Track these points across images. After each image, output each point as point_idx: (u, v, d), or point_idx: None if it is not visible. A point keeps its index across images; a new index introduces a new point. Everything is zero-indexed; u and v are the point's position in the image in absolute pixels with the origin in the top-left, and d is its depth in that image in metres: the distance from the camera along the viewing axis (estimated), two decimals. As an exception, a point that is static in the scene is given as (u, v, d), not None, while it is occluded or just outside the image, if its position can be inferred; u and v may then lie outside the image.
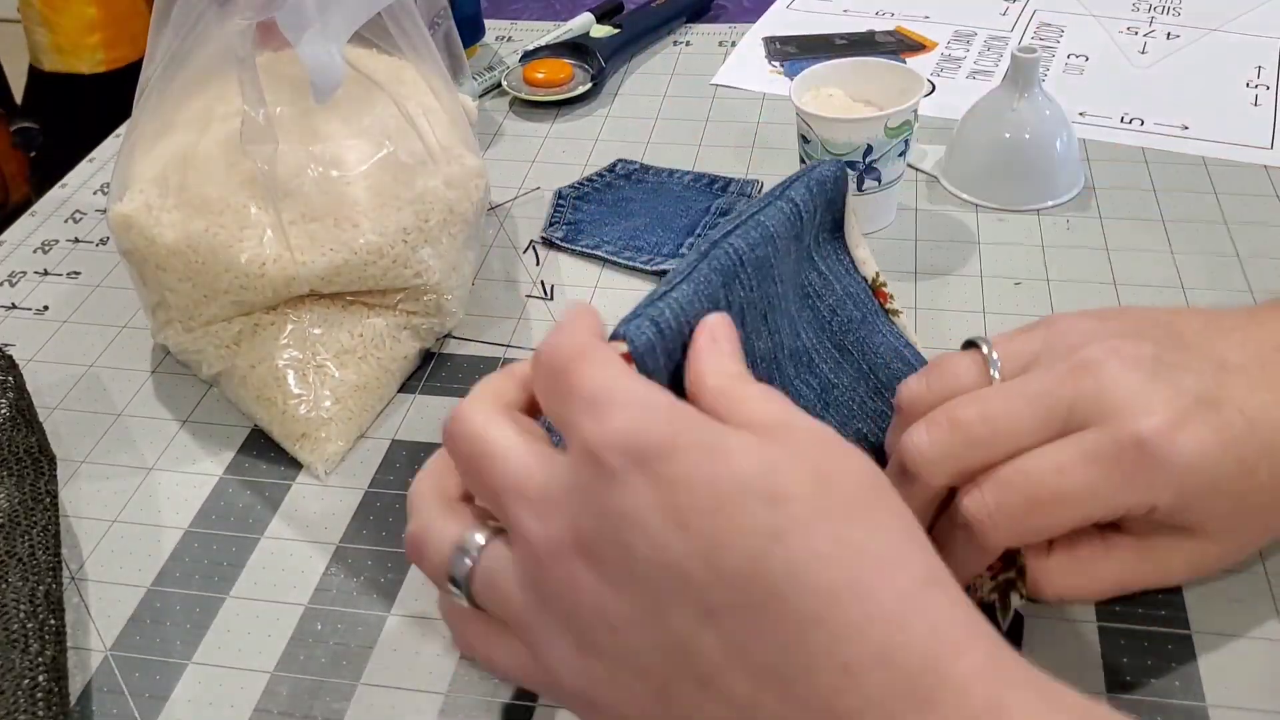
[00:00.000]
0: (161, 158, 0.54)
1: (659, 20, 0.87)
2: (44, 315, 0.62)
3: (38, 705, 0.40)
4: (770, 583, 0.28)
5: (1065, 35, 0.84)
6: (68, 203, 0.72)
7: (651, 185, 0.70)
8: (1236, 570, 0.44)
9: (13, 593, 0.43)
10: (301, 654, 0.44)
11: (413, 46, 0.57)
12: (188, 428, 0.55)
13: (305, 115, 0.54)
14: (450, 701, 0.42)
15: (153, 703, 0.42)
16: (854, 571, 0.28)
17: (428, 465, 0.38)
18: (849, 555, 0.28)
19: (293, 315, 0.53)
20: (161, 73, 0.53)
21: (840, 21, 0.89)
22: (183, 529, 0.49)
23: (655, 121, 0.77)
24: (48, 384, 0.57)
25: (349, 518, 0.49)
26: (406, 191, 0.54)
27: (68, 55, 1.23)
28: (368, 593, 0.46)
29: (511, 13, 0.95)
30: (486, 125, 0.77)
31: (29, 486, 0.49)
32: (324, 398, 0.52)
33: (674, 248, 0.63)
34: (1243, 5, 0.86)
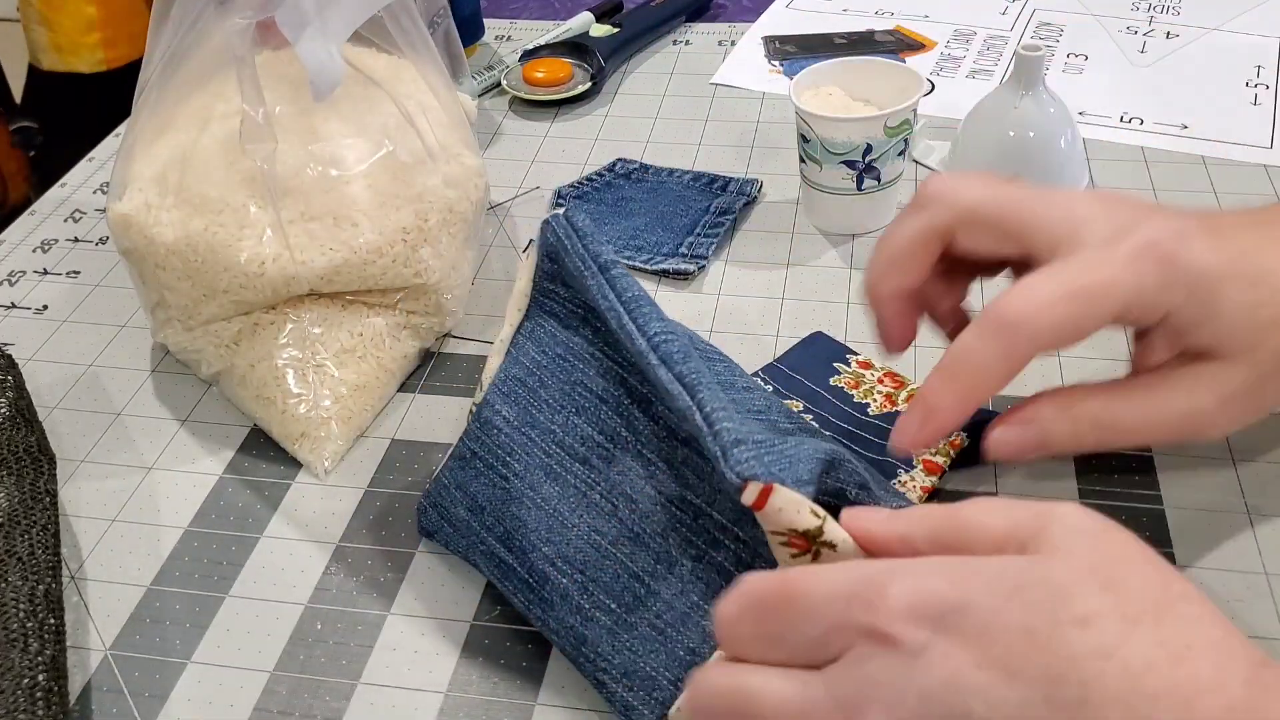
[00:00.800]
0: (161, 157, 0.54)
1: (658, 19, 0.87)
2: (43, 314, 0.62)
3: (37, 704, 0.40)
4: (1114, 699, 0.27)
5: (1065, 35, 0.84)
6: (67, 202, 0.72)
7: (651, 184, 0.70)
8: (1236, 570, 0.44)
9: (12, 592, 0.43)
10: (301, 654, 0.44)
11: (412, 45, 0.57)
12: (187, 427, 0.55)
13: (304, 114, 0.53)
14: (450, 701, 0.42)
15: (152, 702, 0.42)
16: (1191, 669, 0.28)
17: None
18: (1178, 654, 0.28)
19: (292, 314, 0.53)
20: (161, 72, 0.53)
21: (840, 21, 0.89)
22: (182, 528, 0.49)
23: (655, 121, 0.77)
24: (47, 383, 0.57)
25: (349, 517, 0.49)
26: (406, 191, 0.54)
27: (67, 54, 1.23)
28: (368, 592, 0.46)
29: (511, 12, 0.95)
30: (486, 125, 0.77)
31: (28, 485, 0.49)
32: (324, 397, 0.52)
33: (673, 247, 0.63)
34: (1242, 5, 0.86)
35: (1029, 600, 0.28)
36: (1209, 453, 0.49)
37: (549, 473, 0.42)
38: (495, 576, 0.43)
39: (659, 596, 0.39)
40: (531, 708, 0.41)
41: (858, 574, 0.31)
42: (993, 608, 0.29)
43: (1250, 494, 0.47)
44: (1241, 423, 0.41)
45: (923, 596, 0.29)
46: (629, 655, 0.39)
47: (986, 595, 0.29)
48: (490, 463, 0.44)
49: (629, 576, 0.40)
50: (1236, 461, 0.49)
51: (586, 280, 0.42)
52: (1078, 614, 0.28)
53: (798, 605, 0.31)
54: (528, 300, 0.46)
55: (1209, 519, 0.46)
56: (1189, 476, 0.48)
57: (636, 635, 0.39)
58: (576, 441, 0.42)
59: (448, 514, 0.45)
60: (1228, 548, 0.45)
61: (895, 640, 0.29)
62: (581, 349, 0.44)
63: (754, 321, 0.58)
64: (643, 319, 0.40)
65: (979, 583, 0.29)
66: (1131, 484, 0.48)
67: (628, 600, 0.40)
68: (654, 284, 0.62)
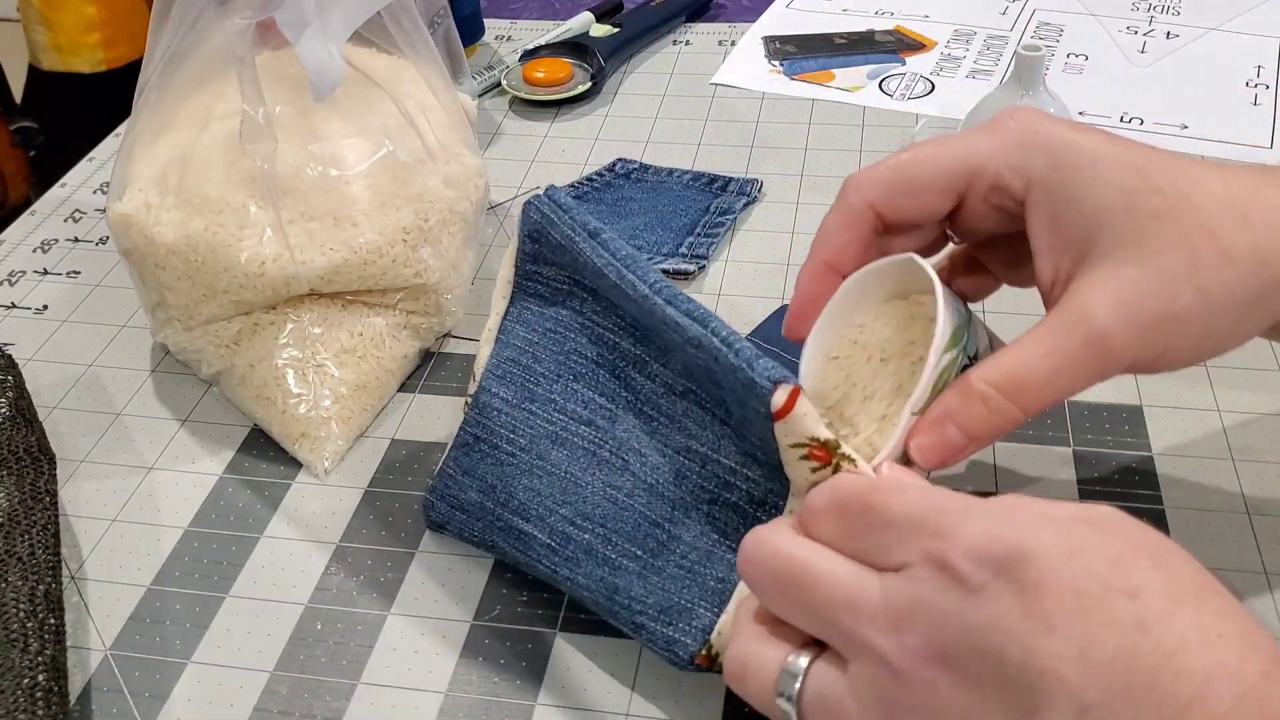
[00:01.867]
0: (161, 157, 0.54)
1: (658, 19, 0.87)
2: (43, 314, 0.62)
3: (37, 704, 0.40)
4: (1144, 672, 0.28)
5: (1065, 34, 0.84)
6: (67, 202, 0.72)
7: (651, 184, 0.70)
8: (1236, 570, 0.44)
9: (12, 592, 0.43)
10: (301, 653, 0.44)
11: (412, 45, 0.57)
12: (187, 427, 0.55)
13: (304, 114, 0.53)
14: (450, 701, 0.42)
15: (152, 702, 0.42)
16: (1218, 655, 0.28)
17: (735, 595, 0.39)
18: (1209, 640, 0.29)
19: (292, 314, 0.53)
20: (161, 72, 0.53)
21: (840, 21, 0.89)
22: (182, 528, 0.49)
23: (655, 121, 0.77)
24: (47, 383, 0.57)
25: (349, 517, 0.49)
26: (406, 190, 0.54)
27: (67, 54, 1.23)
28: (368, 592, 0.46)
29: (511, 12, 0.95)
30: (486, 124, 0.77)
31: (29, 485, 0.49)
32: (324, 397, 0.52)
33: (673, 246, 0.63)
34: (1242, 5, 0.86)
35: (1087, 563, 0.29)
36: (1209, 452, 0.49)
37: (555, 439, 0.44)
38: (516, 549, 0.44)
39: (681, 540, 0.41)
40: (531, 708, 0.41)
41: (937, 502, 0.32)
42: (1051, 564, 0.29)
43: (1250, 494, 0.47)
44: (1161, 345, 0.36)
45: (991, 540, 0.30)
46: (662, 594, 0.40)
47: (1049, 550, 0.30)
48: (495, 443, 0.45)
49: (649, 524, 0.41)
50: (1236, 461, 0.49)
51: (579, 245, 0.42)
52: (1129, 584, 0.29)
53: (877, 514, 0.32)
54: (511, 287, 0.47)
55: (1209, 519, 0.46)
56: (1189, 476, 0.48)
57: (666, 575, 0.40)
58: (578, 406, 0.44)
59: (458, 501, 0.46)
60: (1228, 548, 0.45)
61: (956, 572, 0.30)
62: (571, 320, 0.45)
63: (754, 321, 0.58)
64: (641, 271, 0.41)
65: (1045, 536, 0.30)
66: (1131, 484, 0.48)
67: (651, 545, 0.41)
68: (654, 284, 0.62)
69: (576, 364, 0.44)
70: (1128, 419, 0.51)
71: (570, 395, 0.44)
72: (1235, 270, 0.35)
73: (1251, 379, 0.53)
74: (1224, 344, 0.37)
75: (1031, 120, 0.38)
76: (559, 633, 0.44)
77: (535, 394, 0.45)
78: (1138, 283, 0.35)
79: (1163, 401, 0.52)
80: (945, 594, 0.30)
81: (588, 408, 0.44)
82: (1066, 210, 0.37)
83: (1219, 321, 0.36)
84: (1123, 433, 0.51)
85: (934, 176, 0.39)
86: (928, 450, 0.37)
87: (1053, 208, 0.37)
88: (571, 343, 0.44)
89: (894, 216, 0.40)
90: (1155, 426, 0.51)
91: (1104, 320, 0.35)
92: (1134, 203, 0.36)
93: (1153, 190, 0.36)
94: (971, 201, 0.39)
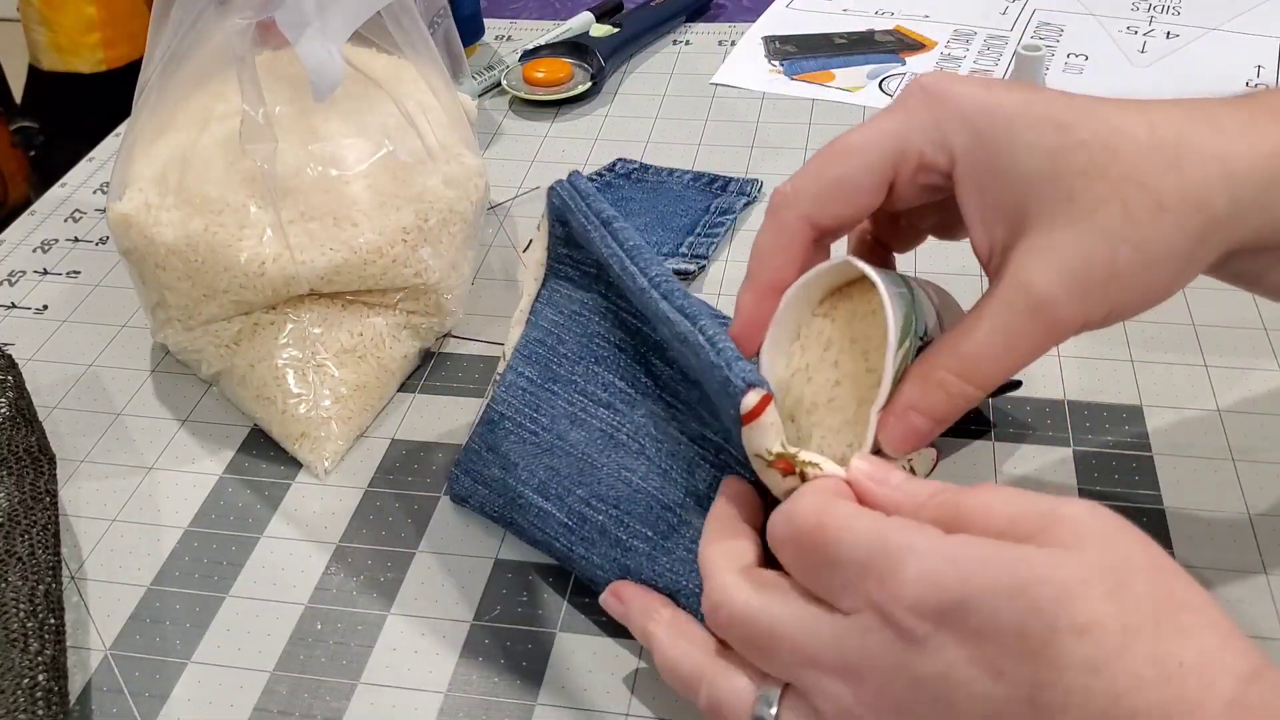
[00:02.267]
0: (161, 157, 0.54)
1: (658, 19, 0.87)
2: (43, 314, 0.62)
3: (37, 704, 0.40)
4: (1098, 712, 0.28)
5: (1065, 34, 0.84)
6: (67, 202, 0.72)
7: (651, 184, 0.70)
8: (1236, 570, 0.44)
9: (12, 592, 0.43)
10: (301, 653, 0.44)
11: (412, 45, 0.57)
12: (187, 427, 0.55)
13: (304, 114, 0.53)
14: (450, 701, 0.42)
15: (152, 702, 0.42)
16: (1178, 688, 0.28)
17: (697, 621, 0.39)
18: (1168, 673, 0.28)
19: (292, 314, 0.53)
20: (161, 72, 0.53)
21: (840, 21, 0.89)
22: (182, 528, 0.49)
23: (655, 121, 0.77)
24: (47, 383, 0.57)
25: (349, 517, 0.49)
26: (406, 190, 0.54)
27: (67, 54, 1.23)
28: (368, 592, 0.46)
29: (511, 12, 0.95)
30: (486, 124, 0.77)
31: (29, 485, 0.49)
32: (324, 397, 0.52)
33: (674, 247, 0.63)
34: (1242, 5, 0.86)
35: (1030, 602, 0.29)
36: (1209, 453, 0.49)
37: (574, 420, 0.45)
38: (534, 526, 0.45)
39: (691, 525, 0.41)
40: (531, 708, 0.41)
41: (878, 542, 0.31)
42: (993, 608, 0.29)
43: (1250, 494, 0.47)
44: (1106, 305, 0.35)
45: (930, 589, 0.30)
46: (671, 576, 0.41)
47: (990, 593, 0.29)
48: (519, 421, 0.46)
49: (661, 508, 0.42)
50: (1236, 461, 0.49)
51: (590, 234, 0.43)
52: (1077, 622, 0.28)
53: (826, 552, 0.32)
54: (544, 269, 0.47)
55: (1209, 519, 0.46)
56: (1189, 476, 0.48)
57: (675, 558, 0.41)
58: (599, 389, 0.44)
59: (481, 476, 0.47)
60: (1228, 548, 0.45)
61: (899, 625, 0.30)
62: (596, 304, 0.45)
63: (754, 321, 0.58)
64: (644, 263, 0.41)
65: (986, 577, 0.29)
66: (1132, 484, 0.48)
67: (663, 529, 0.42)
68: (654, 284, 0.62)
69: (599, 347, 0.45)
70: (1128, 419, 0.51)
71: (591, 378, 0.45)
72: (1171, 218, 0.34)
73: (1251, 379, 0.53)
74: (1169, 289, 0.36)
75: (942, 88, 0.36)
76: (559, 633, 0.44)
77: (558, 375, 0.45)
78: (1074, 245, 0.34)
79: (1163, 401, 0.52)
80: (891, 646, 0.30)
81: (607, 391, 0.44)
82: (993, 182, 0.36)
83: (1161, 272, 0.35)
84: (1123, 433, 0.51)
85: (863, 175, 0.37)
86: (896, 442, 0.37)
87: (979, 180, 0.36)
88: (595, 326, 0.45)
89: (829, 223, 0.38)
90: (1155, 427, 0.51)
91: (1045, 290, 0.34)
92: (1058, 164, 0.34)
93: (1076, 146, 0.34)
94: (900, 187, 0.38)
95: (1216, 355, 0.54)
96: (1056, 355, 0.55)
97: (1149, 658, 0.28)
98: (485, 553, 0.47)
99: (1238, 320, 0.57)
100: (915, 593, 0.30)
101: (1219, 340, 0.55)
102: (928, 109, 0.36)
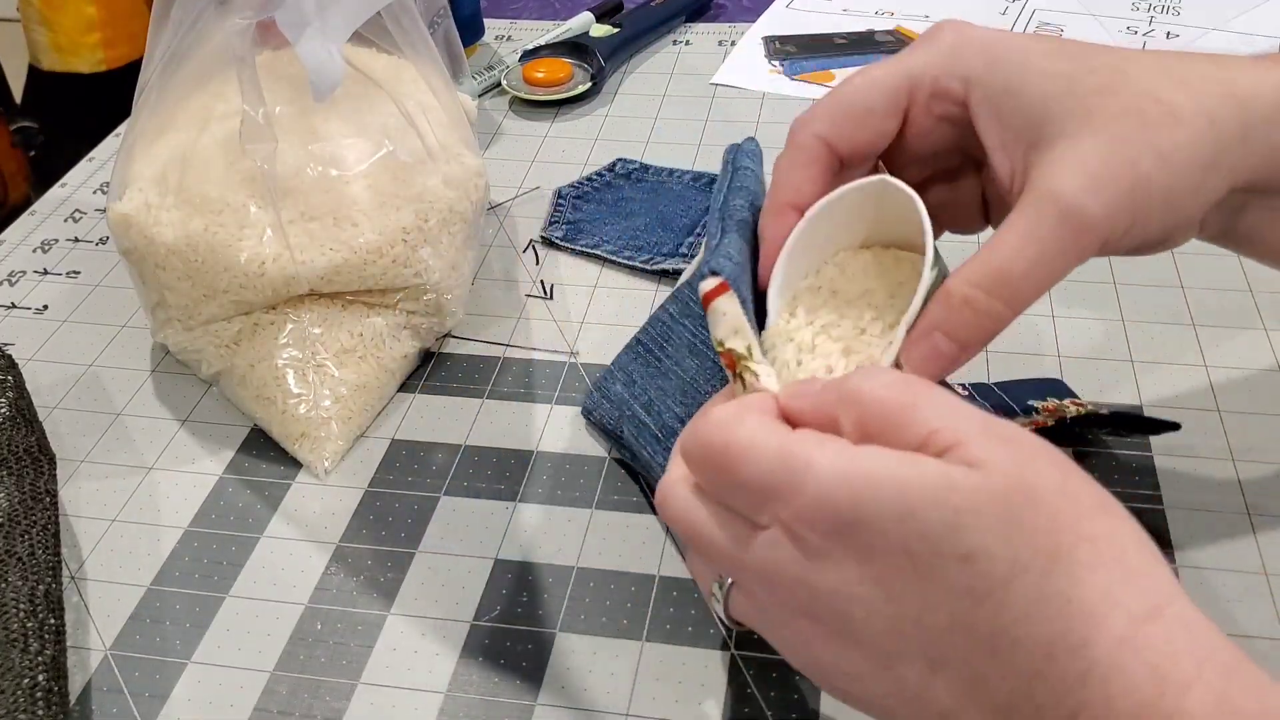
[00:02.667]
0: (161, 157, 0.54)
1: (658, 19, 0.87)
2: (43, 315, 0.62)
3: (37, 704, 0.40)
4: (983, 640, 0.28)
5: (1065, 35, 0.84)
6: (67, 202, 0.72)
7: (651, 184, 0.70)
8: (1236, 570, 0.44)
9: (12, 592, 0.43)
10: (301, 654, 0.44)
11: (412, 45, 0.57)
12: (187, 427, 0.55)
13: (304, 114, 0.53)
14: (450, 701, 0.42)
15: (152, 702, 0.42)
16: (1063, 624, 0.28)
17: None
18: (1055, 609, 0.28)
19: (292, 315, 0.53)
20: (161, 72, 0.53)
21: (840, 21, 0.89)
22: (182, 528, 0.49)
23: (655, 121, 0.77)
24: (47, 383, 0.57)
25: (349, 517, 0.49)
26: (406, 191, 0.54)
27: (67, 54, 1.23)
28: (368, 592, 0.46)
29: (511, 12, 0.95)
30: (486, 125, 0.77)
31: (29, 485, 0.49)
32: (324, 397, 0.52)
33: (674, 247, 0.63)
34: (1243, 5, 0.86)
35: (919, 526, 0.29)
36: (1209, 453, 0.49)
37: (693, 350, 0.48)
38: (632, 435, 0.49)
39: None
40: (531, 708, 0.41)
41: (780, 460, 0.31)
42: (883, 530, 0.29)
43: (1250, 494, 0.47)
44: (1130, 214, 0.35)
45: (825, 506, 0.30)
46: None
47: (880, 515, 0.29)
48: (649, 347, 0.51)
49: None
50: (1236, 461, 0.49)
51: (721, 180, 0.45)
52: (962, 550, 0.29)
53: (733, 475, 0.32)
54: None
55: (1209, 519, 0.46)
56: (1189, 476, 0.48)
57: None
58: None
59: (607, 391, 0.52)
60: (1228, 548, 0.45)
61: (800, 540, 0.31)
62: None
63: (754, 321, 0.58)
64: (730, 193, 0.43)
65: (879, 498, 0.29)
66: (1131, 484, 0.48)
67: None
68: (654, 284, 0.62)
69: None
70: (1128, 419, 0.51)
71: None
72: (1186, 129, 0.35)
73: (1251, 379, 0.53)
74: (1187, 210, 0.36)
75: (961, 27, 0.39)
76: (559, 633, 0.44)
77: (691, 310, 0.49)
78: (1097, 152, 0.35)
79: (1163, 402, 0.52)
80: (797, 560, 0.31)
81: None
82: (1010, 102, 0.37)
83: (1180, 184, 0.35)
84: (1123, 433, 0.51)
85: (877, 97, 0.39)
86: (919, 364, 0.36)
87: (996, 103, 0.37)
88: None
89: (845, 147, 0.39)
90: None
91: (1073, 195, 0.34)
92: (1073, 84, 0.36)
93: (1088, 71, 0.36)
94: (915, 116, 0.39)
95: (1217, 355, 0.54)
96: (1057, 355, 0.55)
97: (1035, 592, 0.28)
98: (485, 553, 0.47)
99: (1238, 320, 0.57)
100: (812, 511, 0.30)
101: (1219, 340, 0.55)
102: (943, 41, 0.38)
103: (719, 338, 0.37)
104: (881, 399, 0.31)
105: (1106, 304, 0.58)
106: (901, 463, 0.30)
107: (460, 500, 0.50)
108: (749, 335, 0.37)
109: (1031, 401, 0.49)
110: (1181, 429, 0.49)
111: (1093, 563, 0.28)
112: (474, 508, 0.49)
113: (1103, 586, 0.28)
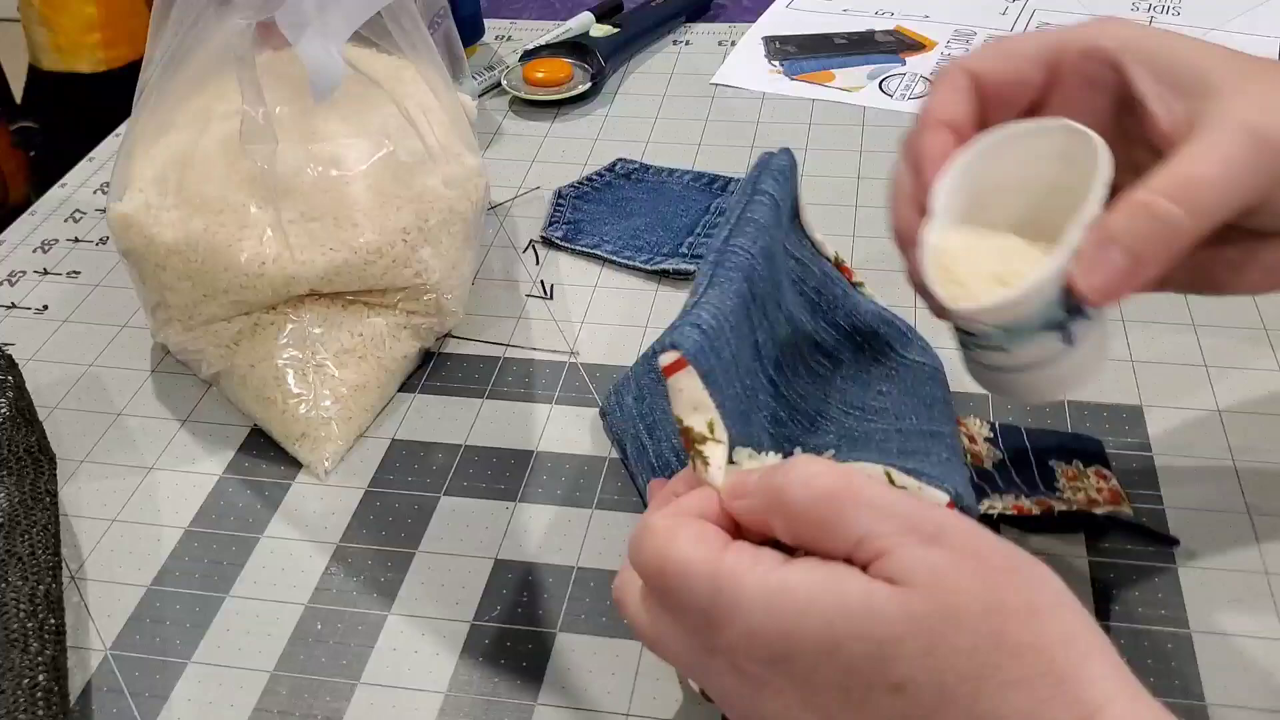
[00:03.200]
0: (161, 157, 0.54)
1: (658, 20, 0.87)
2: (44, 315, 0.62)
3: (37, 704, 0.40)
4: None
5: (1065, 34, 0.84)
6: (67, 202, 0.72)
7: (651, 185, 0.70)
8: (1236, 570, 0.44)
9: (12, 592, 0.43)
10: (301, 654, 0.44)
11: (412, 46, 0.57)
12: (187, 427, 0.55)
13: (305, 114, 0.53)
14: (450, 701, 0.42)
15: (153, 702, 0.42)
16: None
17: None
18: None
19: (292, 315, 0.53)
20: (161, 72, 0.53)
21: (840, 21, 0.89)
22: (183, 528, 0.49)
23: (655, 121, 0.77)
24: (47, 383, 0.57)
25: (349, 517, 0.49)
26: (406, 191, 0.54)
27: (67, 55, 1.23)
28: (368, 592, 0.46)
29: (511, 12, 0.95)
30: (486, 125, 0.77)
31: (29, 486, 0.49)
32: (324, 397, 0.52)
33: (674, 247, 0.63)
34: (1243, 5, 0.86)
35: (848, 659, 0.29)
36: (1209, 453, 0.49)
37: None
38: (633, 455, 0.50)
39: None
40: (531, 708, 0.41)
41: (712, 586, 0.31)
42: (813, 664, 0.30)
43: (1250, 494, 0.47)
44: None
45: (757, 643, 0.31)
46: None
47: (809, 651, 0.30)
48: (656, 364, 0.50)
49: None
50: (1236, 461, 0.49)
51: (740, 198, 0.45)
52: (892, 680, 0.29)
53: (671, 595, 0.32)
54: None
55: (1209, 519, 0.46)
56: (1189, 476, 0.48)
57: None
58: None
59: (621, 399, 0.52)
60: (1228, 548, 0.45)
61: (743, 671, 0.31)
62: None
63: (754, 321, 0.58)
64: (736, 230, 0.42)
65: (806, 632, 0.30)
66: (1132, 484, 0.48)
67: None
68: (654, 284, 0.62)
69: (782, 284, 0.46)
70: (1128, 419, 0.51)
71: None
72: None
73: (1251, 379, 0.53)
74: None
75: (1111, 16, 0.39)
76: (559, 633, 0.44)
77: None
78: (1269, 95, 0.35)
79: (1163, 401, 0.52)
80: (743, 684, 0.32)
81: None
82: (1165, 59, 0.37)
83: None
84: (1123, 433, 0.51)
85: (1028, 44, 0.39)
86: (1089, 277, 0.34)
87: (1150, 61, 0.37)
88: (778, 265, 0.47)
89: (991, 79, 0.39)
90: (1155, 426, 0.51)
91: (1258, 117, 0.34)
92: (1227, 57, 0.36)
93: (1232, 53, 0.37)
94: (1064, 75, 0.39)
95: (1216, 355, 0.54)
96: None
97: (965, 716, 0.28)
98: (485, 553, 0.47)
99: (1238, 320, 0.57)
100: (746, 643, 0.31)
101: (1219, 340, 0.55)
102: (1094, 23, 0.39)
103: (677, 414, 0.36)
104: (806, 507, 0.31)
105: (1106, 304, 0.58)
106: (826, 587, 0.30)
107: (460, 500, 0.50)
108: (709, 410, 0.35)
109: (1053, 463, 0.48)
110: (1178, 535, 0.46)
111: (1018, 680, 0.28)
112: (474, 508, 0.49)
113: (1030, 705, 0.28)
